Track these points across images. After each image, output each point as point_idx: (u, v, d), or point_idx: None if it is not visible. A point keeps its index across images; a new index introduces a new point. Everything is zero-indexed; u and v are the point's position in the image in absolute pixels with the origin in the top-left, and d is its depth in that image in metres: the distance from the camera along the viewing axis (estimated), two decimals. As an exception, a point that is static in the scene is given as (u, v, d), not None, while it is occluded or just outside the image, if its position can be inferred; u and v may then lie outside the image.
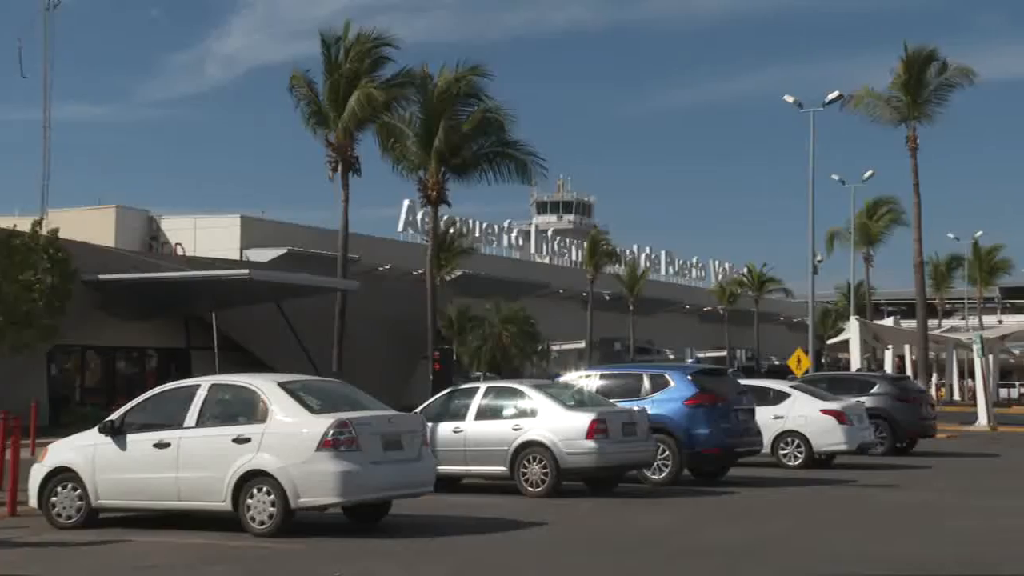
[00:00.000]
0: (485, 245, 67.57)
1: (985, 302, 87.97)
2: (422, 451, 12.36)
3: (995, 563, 10.14)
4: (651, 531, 12.29)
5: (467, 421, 16.11)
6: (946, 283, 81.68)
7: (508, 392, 16.60)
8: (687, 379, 17.50)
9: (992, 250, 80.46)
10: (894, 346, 56.29)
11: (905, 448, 24.68)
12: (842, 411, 20.67)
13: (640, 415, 16.13)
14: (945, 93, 44.34)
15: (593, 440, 15.23)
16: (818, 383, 24.21)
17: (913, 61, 43.59)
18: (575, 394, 16.74)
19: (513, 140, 35.55)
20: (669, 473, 16.86)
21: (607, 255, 69.27)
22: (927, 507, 14.69)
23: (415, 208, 59.11)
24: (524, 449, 15.54)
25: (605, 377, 18.55)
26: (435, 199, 35.68)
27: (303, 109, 35.24)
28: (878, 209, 64.07)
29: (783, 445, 20.39)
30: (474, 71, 35.07)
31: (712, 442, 17.00)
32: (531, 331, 52.38)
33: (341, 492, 11.35)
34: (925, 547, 11.05)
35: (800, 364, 38.29)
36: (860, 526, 12.75)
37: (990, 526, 12.67)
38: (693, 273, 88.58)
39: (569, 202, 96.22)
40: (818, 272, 45.28)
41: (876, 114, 44.71)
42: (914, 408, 24.95)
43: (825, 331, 71.37)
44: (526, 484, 15.45)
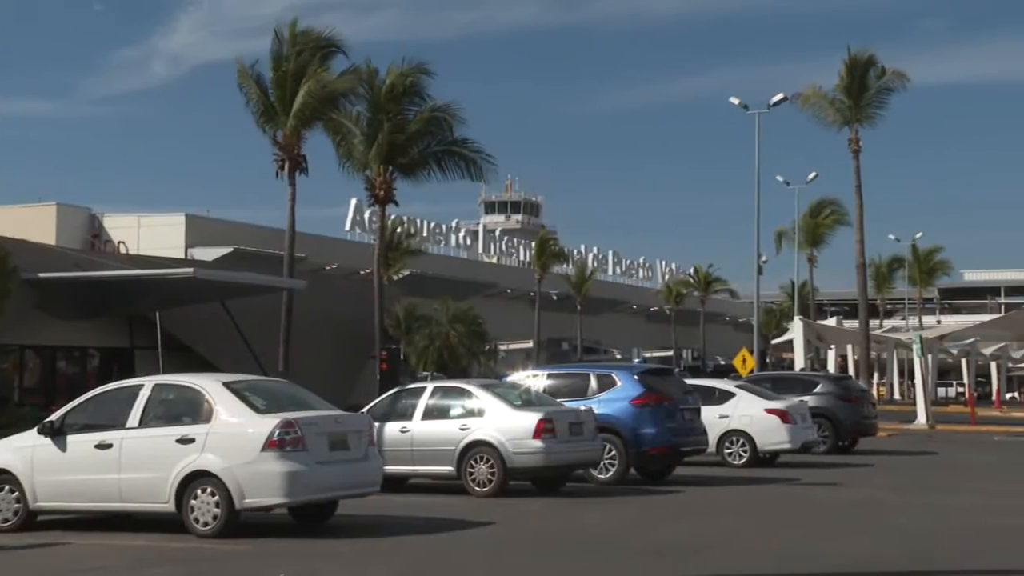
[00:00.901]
0: (433, 245, 67.47)
1: (924, 303, 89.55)
2: (369, 451, 12.30)
3: (935, 558, 10.30)
4: (598, 530, 12.33)
5: (414, 421, 16.06)
6: (887, 284, 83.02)
7: (455, 392, 16.57)
8: (634, 379, 17.59)
9: (931, 252, 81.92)
10: (837, 346, 57.12)
11: (847, 446, 25.02)
12: (786, 410, 20.89)
13: (587, 415, 16.19)
14: (885, 97, 45.14)
15: (540, 440, 15.25)
16: (763, 383, 24.46)
17: (854, 65, 44.29)
18: (522, 394, 16.75)
19: (461, 139, 35.54)
20: (616, 472, 16.94)
21: (555, 255, 69.49)
22: (869, 504, 14.90)
23: (362, 207, 58.89)
24: (471, 449, 15.53)
25: (552, 377, 18.59)
26: (383, 198, 35.55)
27: (252, 106, 34.91)
28: (822, 210, 64.95)
29: (728, 444, 20.57)
30: (420, 69, 35.01)
31: (658, 441, 17.10)
32: (479, 331, 52.38)
33: (287, 492, 11.26)
34: (868, 543, 11.20)
35: (745, 364, 38.69)
36: (804, 523, 12.90)
37: (930, 522, 12.88)
38: (640, 273, 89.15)
39: (517, 202, 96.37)
40: (763, 273, 45.92)
41: (822, 115, 45.38)
42: (856, 407, 25.30)
43: (770, 331, 72.20)
44: (473, 484, 15.43)
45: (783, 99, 42.07)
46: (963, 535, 11.86)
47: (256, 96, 34.45)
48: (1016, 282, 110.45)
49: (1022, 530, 12.24)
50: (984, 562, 10.17)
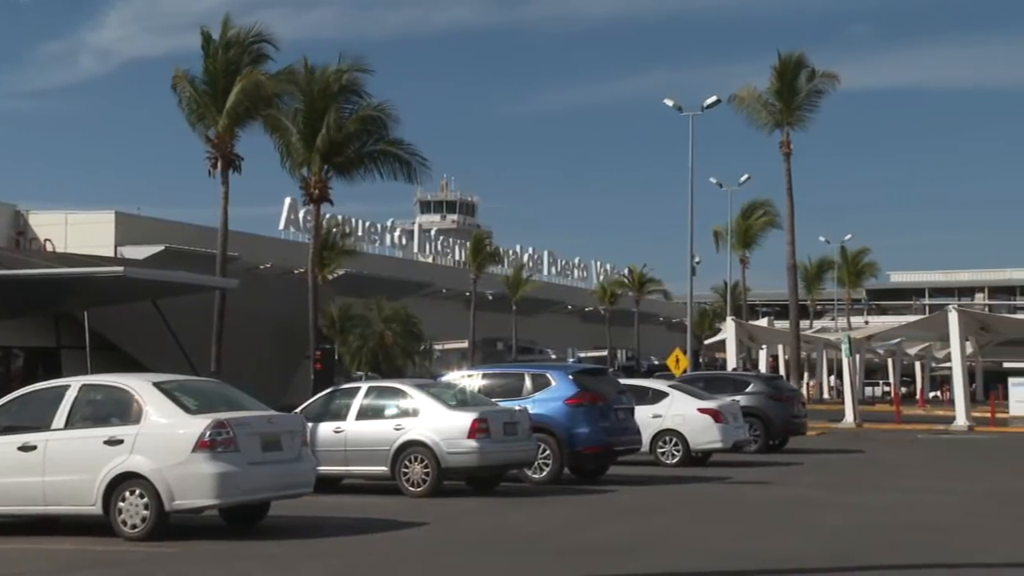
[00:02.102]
0: (368, 244, 67.13)
1: (853, 304, 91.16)
2: (302, 451, 12.21)
3: (861, 554, 10.50)
4: (531, 530, 12.36)
5: (348, 421, 15.98)
6: (817, 285, 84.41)
7: (390, 392, 16.52)
8: (568, 379, 17.67)
9: (859, 253, 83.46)
10: (768, 346, 57.88)
11: (777, 445, 25.37)
12: (718, 410, 21.12)
13: (522, 414, 16.22)
14: (816, 100, 45.89)
15: (475, 440, 15.26)
16: (695, 382, 24.72)
17: (784, 68, 44.95)
18: (457, 394, 16.75)
19: (397, 139, 35.45)
20: (550, 472, 17.00)
21: (490, 255, 69.57)
22: (798, 502, 15.13)
23: (297, 206, 58.40)
24: (406, 449, 15.48)
25: (487, 377, 18.60)
26: (317, 197, 35.31)
27: (184, 104, 34.45)
28: (754, 212, 65.83)
29: (661, 444, 20.75)
30: (357, 67, 34.81)
31: (592, 441, 17.20)
32: (414, 331, 52.26)
33: (218, 494, 11.13)
34: (797, 540, 11.38)
35: (678, 364, 39.08)
36: (735, 522, 13.06)
37: (856, 519, 13.12)
38: (575, 273, 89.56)
39: (453, 202, 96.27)
40: (697, 273, 46.37)
41: (755, 117, 46.00)
42: (786, 406, 25.68)
43: (703, 331, 72.95)
44: (407, 484, 15.39)
45: (717, 101, 42.61)
46: (887, 531, 12.10)
47: (189, 94, 34.03)
48: (940, 283, 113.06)
49: (943, 526, 12.53)
50: (907, 557, 10.38)
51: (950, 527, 12.44)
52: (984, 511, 14.18)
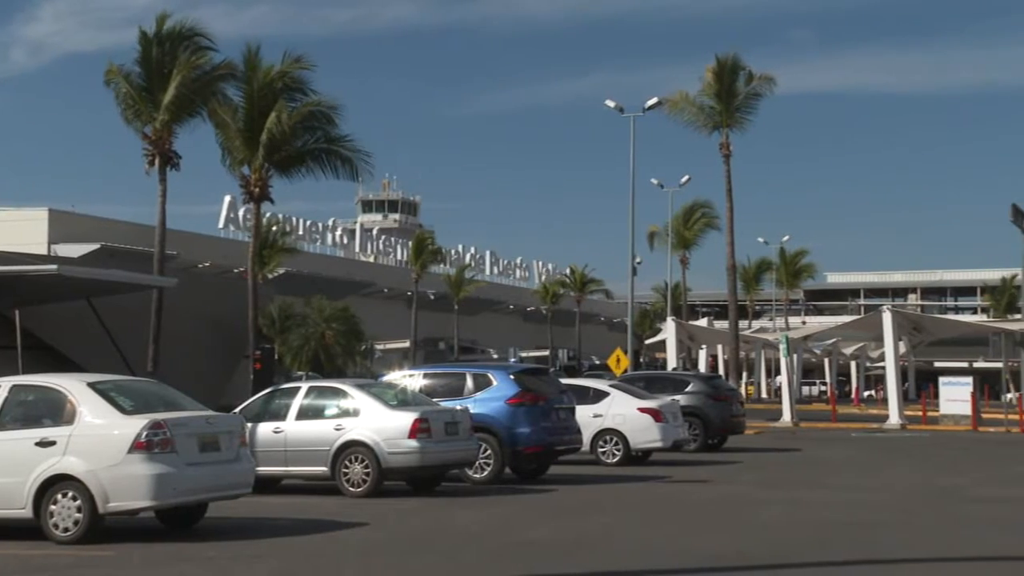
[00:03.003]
0: (309, 243, 66.74)
1: (791, 304, 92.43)
2: (240, 452, 12.08)
3: (799, 550, 10.65)
4: (472, 530, 12.36)
5: (288, 421, 15.86)
6: (756, 285, 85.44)
7: (330, 392, 16.41)
8: (509, 378, 17.69)
9: (797, 254, 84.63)
10: (708, 346, 58.47)
11: (716, 444, 25.64)
12: (658, 409, 21.29)
13: (463, 414, 16.21)
14: (754, 102, 46.47)
15: (416, 440, 15.21)
16: (636, 382, 24.88)
17: (722, 71, 45.44)
18: (398, 394, 16.69)
19: (339, 136, 35.19)
20: (491, 472, 17.02)
21: (432, 254, 69.47)
22: (736, 500, 15.31)
23: (237, 204, 57.83)
24: (346, 449, 15.40)
25: (429, 376, 18.55)
26: (258, 195, 34.97)
27: (120, 100, 33.90)
28: (694, 213, 66.44)
29: (602, 443, 20.85)
30: (297, 63, 34.51)
31: (533, 440, 17.24)
32: (355, 330, 52.00)
33: (154, 496, 10.97)
34: (735, 538, 11.51)
35: (619, 363, 39.32)
36: (675, 520, 13.17)
37: (794, 516, 13.31)
38: (517, 273, 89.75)
39: (395, 201, 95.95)
40: (637, 274, 46.64)
41: (692, 120, 46.45)
42: (725, 406, 25.95)
43: (644, 331, 73.48)
44: (347, 484, 15.31)
45: (658, 103, 42.95)
46: (823, 528, 12.29)
47: (124, 90, 33.51)
48: (875, 284, 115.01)
49: (875, 523, 12.75)
50: (841, 554, 10.55)
51: (882, 524, 12.66)
52: (914, 508, 14.46)
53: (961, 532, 12.03)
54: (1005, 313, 79.03)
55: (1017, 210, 44.86)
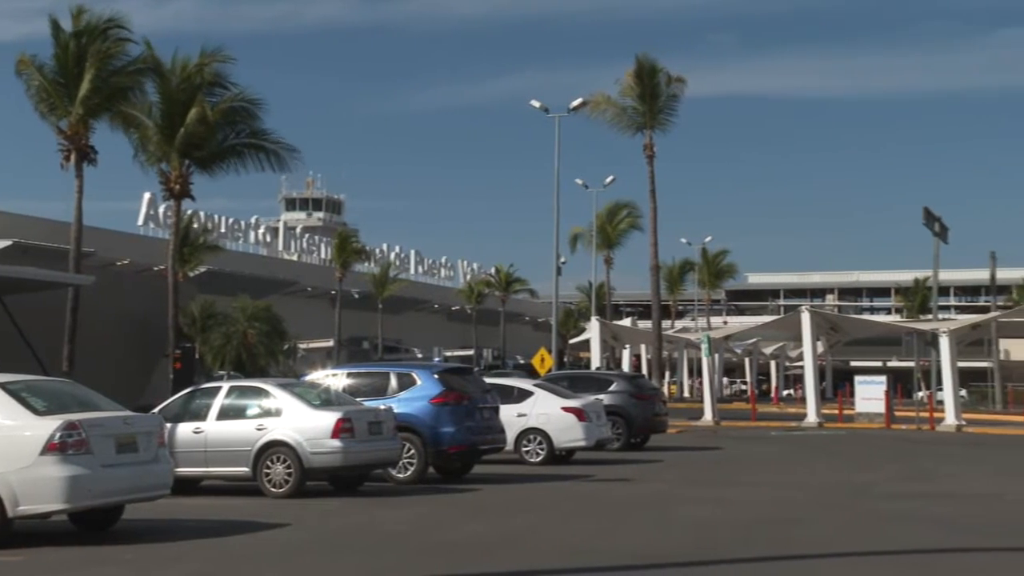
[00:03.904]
0: (231, 241, 65.85)
1: (713, 304, 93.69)
2: (159, 453, 11.88)
3: (719, 547, 10.81)
4: (395, 529, 12.32)
5: (208, 421, 15.66)
6: (679, 286, 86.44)
7: (252, 391, 16.24)
8: (433, 378, 17.68)
9: (719, 255, 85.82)
10: (631, 345, 58.98)
11: (639, 443, 25.90)
12: (582, 408, 21.44)
13: (386, 414, 16.15)
14: (674, 104, 46.99)
15: (339, 439, 15.13)
16: (560, 381, 25.01)
17: (641, 72, 45.87)
18: (321, 393, 16.57)
19: (262, 130, 34.77)
20: (414, 471, 16.98)
21: (356, 253, 69.07)
22: (659, 498, 15.48)
23: (156, 202, 56.84)
24: (268, 449, 15.26)
25: (352, 376, 18.46)
26: (178, 192, 34.44)
27: (32, 94, 33.09)
28: (618, 213, 66.97)
29: (526, 442, 20.93)
30: (216, 57, 34.02)
31: (457, 440, 17.25)
32: (278, 329, 51.47)
33: (67, 498, 10.73)
34: (657, 536, 11.64)
35: (543, 363, 39.50)
36: (597, 519, 13.27)
37: (714, 514, 13.50)
38: (442, 273, 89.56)
39: (319, 199, 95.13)
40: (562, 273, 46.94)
41: (614, 121, 46.81)
42: (648, 405, 26.23)
43: (568, 331, 73.88)
44: (269, 485, 15.16)
45: (582, 103, 43.21)
46: (742, 525, 12.49)
47: (37, 83, 32.71)
48: (794, 285, 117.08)
49: (793, 519, 13.00)
50: (760, 550, 10.73)
51: (800, 520, 12.91)
52: (831, 504, 14.76)
53: (873, 527, 12.32)
54: (918, 313, 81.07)
55: (929, 213, 46.09)
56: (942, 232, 46.57)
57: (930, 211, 46.07)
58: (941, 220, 46.47)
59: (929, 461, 22.56)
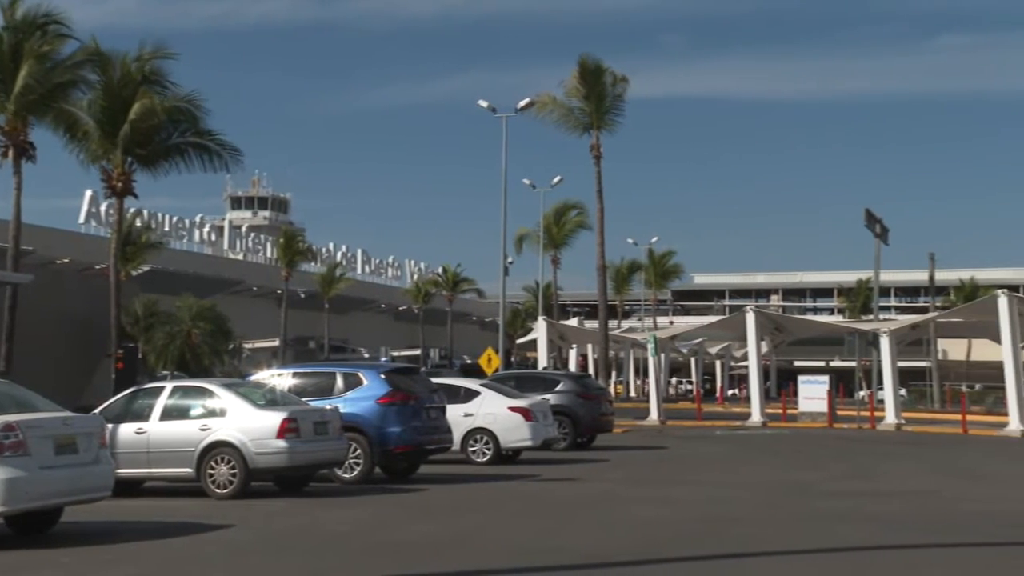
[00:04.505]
0: (176, 240, 65.15)
1: (659, 304, 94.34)
2: (100, 454, 11.72)
3: (664, 546, 10.89)
4: (340, 530, 12.26)
5: (151, 422, 15.49)
6: (626, 286, 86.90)
7: (196, 391, 16.09)
8: (380, 378, 17.63)
9: (665, 256, 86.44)
10: (578, 345, 59.21)
11: (586, 443, 26.01)
12: (528, 408, 21.48)
13: (332, 414, 16.08)
14: (621, 104, 47.21)
15: (284, 440, 15.03)
16: (507, 381, 25.04)
17: (585, 73, 46.05)
18: (266, 393, 16.45)
19: (206, 130, 34.39)
20: (360, 471, 16.92)
21: (302, 252, 68.65)
22: (605, 498, 15.56)
23: (99, 199, 56.03)
24: (212, 450, 15.12)
25: (298, 376, 18.35)
26: (120, 190, 33.95)
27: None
28: (565, 213, 67.17)
29: (472, 442, 20.94)
30: (160, 54, 33.58)
31: (404, 440, 17.22)
32: (223, 329, 51.01)
33: (4, 500, 10.52)
34: (602, 535, 11.71)
35: (491, 363, 39.53)
36: (543, 519, 13.30)
37: (659, 513, 13.60)
38: (389, 272, 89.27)
39: (265, 198, 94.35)
40: (509, 273, 46.98)
41: (561, 121, 46.93)
42: (594, 405, 26.34)
43: (515, 331, 74.00)
44: (213, 486, 15.02)
45: (530, 103, 43.30)
46: (686, 524, 12.60)
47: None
48: (739, 285, 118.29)
49: (735, 518, 13.15)
50: (703, 549, 10.84)
51: (743, 519, 13.06)
52: (773, 502, 14.95)
53: (814, 526, 12.49)
54: (860, 314, 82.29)
55: (870, 215, 46.79)
56: (883, 234, 47.29)
57: (871, 213, 46.77)
58: (882, 222, 47.18)
59: (869, 459, 22.92)
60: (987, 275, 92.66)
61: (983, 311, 36.36)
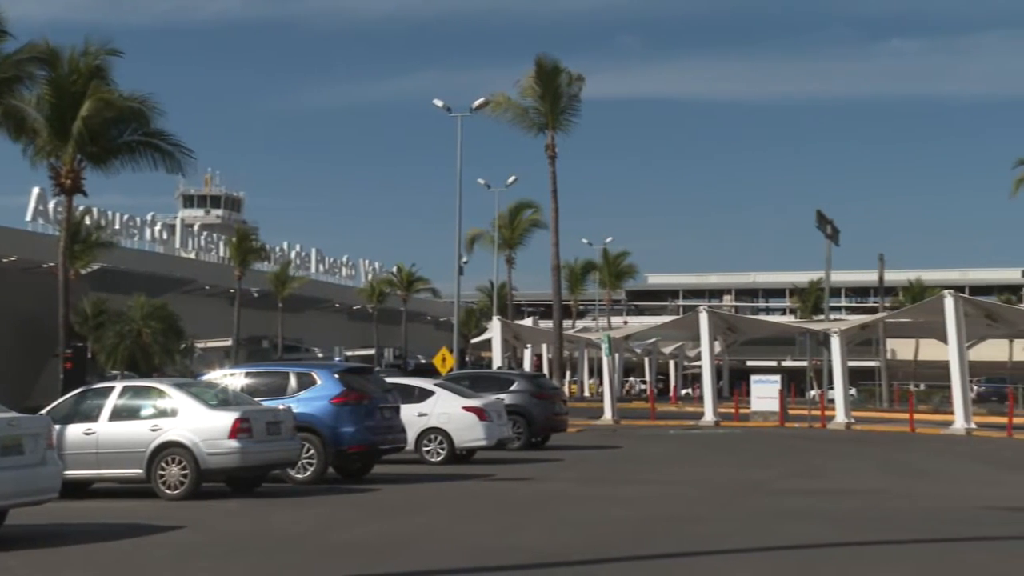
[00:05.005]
0: (126, 238, 64.43)
1: (613, 304, 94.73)
2: (47, 455, 11.55)
3: (617, 545, 10.94)
4: (292, 531, 12.18)
5: (100, 422, 15.29)
6: (580, 286, 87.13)
7: (146, 391, 15.92)
8: (334, 377, 17.55)
9: (620, 256, 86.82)
10: (532, 345, 59.35)
11: (540, 442, 26.04)
12: (483, 408, 21.48)
13: (285, 414, 15.98)
14: (576, 104, 47.31)
15: (236, 440, 14.92)
16: (461, 381, 25.02)
17: (541, 72, 46.11)
18: (219, 393, 16.31)
19: (158, 130, 33.97)
20: (314, 472, 16.83)
21: (255, 251, 68.16)
22: (558, 497, 15.59)
23: (47, 197, 55.22)
24: (163, 450, 14.97)
25: (251, 375, 18.22)
26: (70, 188, 33.44)
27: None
28: (519, 213, 67.24)
29: (427, 442, 20.89)
30: (107, 51, 33.13)
31: (357, 440, 17.15)
32: (174, 328, 50.52)
33: (-52, 503, 10.36)
34: (556, 534, 11.73)
35: (445, 362, 39.47)
36: (497, 518, 13.31)
37: (613, 512, 13.66)
38: (343, 272, 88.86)
39: (217, 196, 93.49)
40: (464, 273, 46.90)
41: (515, 121, 46.94)
42: (549, 404, 26.39)
43: (470, 330, 73.99)
44: (164, 487, 14.87)
45: (485, 103, 43.29)
46: (639, 523, 12.66)
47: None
48: (692, 285, 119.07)
49: (688, 517, 13.24)
50: (657, 547, 10.90)
51: (694, 517, 13.15)
52: (725, 501, 15.08)
53: (765, 524, 12.61)
54: (811, 314, 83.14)
55: (821, 216, 47.31)
56: (834, 235, 47.83)
57: (822, 214, 47.28)
58: (833, 223, 47.71)
59: (819, 458, 23.17)
60: (934, 276, 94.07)
61: (930, 311, 36.91)
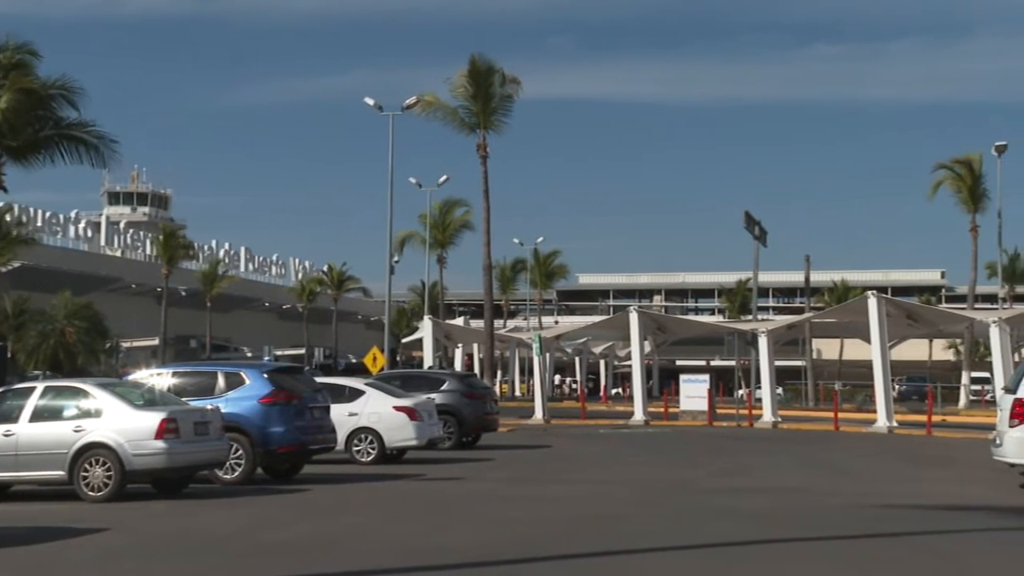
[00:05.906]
0: (49, 236, 63.16)
1: (544, 304, 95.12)
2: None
3: (546, 544, 11.00)
4: (219, 532, 12.06)
5: (20, 423, 14.98)
6: (511, 285, 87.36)
7: (69, 391, 15.63)
8: (263, 377, 17.40)
9: (551, 256, 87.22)
10: (464, 344, 59.26)
11: (471, 442, 26.07)
12: (413, 408, 21.44)
13: (213, 414, 15.81)
14: (508, 104, 47.46)
15: (163, 440, 14.73)
16: (392, 380, 24.95)
17: (475, 72, 46.20)
18: (145, 393, 16.08)
19: (81, 122, 33.32)
20: (242, 472, 16.68)
21: (183, 249, 67.22)
22: (489, 496, 15.63)
23: (-34, 192, 53.84)
24: (86, 451, 14.71)
25: (178, 375, 17.99)
26: (-11, 184, 32.68)
27: None
28: (450, 211, 67.23)
29: (357, 442, 20.81)
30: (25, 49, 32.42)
31: (286, 440, 17.02)
32: (99, 327, 49.63)
33: None
34: (486, 534, 11.76)
35: (376, 362, 39.31)
36: (427, 518, 13.30)
37: (543, 511, 13.73)
38: (273, 270, 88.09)
39: (144, 194, 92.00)
40: (395, 272, 46.79)
41: (447, 120, 46.93)
42: (479, 404, 26.42)
43: (401, 330, 73.71)
44: (87, 489, 14.61)
45: (416, 102, 43.19)
46: (568, 522, 12.74)
47: None
48: (623, 286, 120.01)
49: (617, 516, 13.36)
50: (585, 546, 10.99)
51: (623, 516, 13.27)
52: (653, 500, 15.24)
53: (693, 522, 12.78)
54: (739, 314, 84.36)
55: (749, 217, 48.00)
56: (762, 236, 48.54)
57: (750, 215, 47.95)
58: (761, 224, 48.42)
59: (747, 457, 23.51)
60: (858, 277, 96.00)
61: (854, 312, 37.64)
